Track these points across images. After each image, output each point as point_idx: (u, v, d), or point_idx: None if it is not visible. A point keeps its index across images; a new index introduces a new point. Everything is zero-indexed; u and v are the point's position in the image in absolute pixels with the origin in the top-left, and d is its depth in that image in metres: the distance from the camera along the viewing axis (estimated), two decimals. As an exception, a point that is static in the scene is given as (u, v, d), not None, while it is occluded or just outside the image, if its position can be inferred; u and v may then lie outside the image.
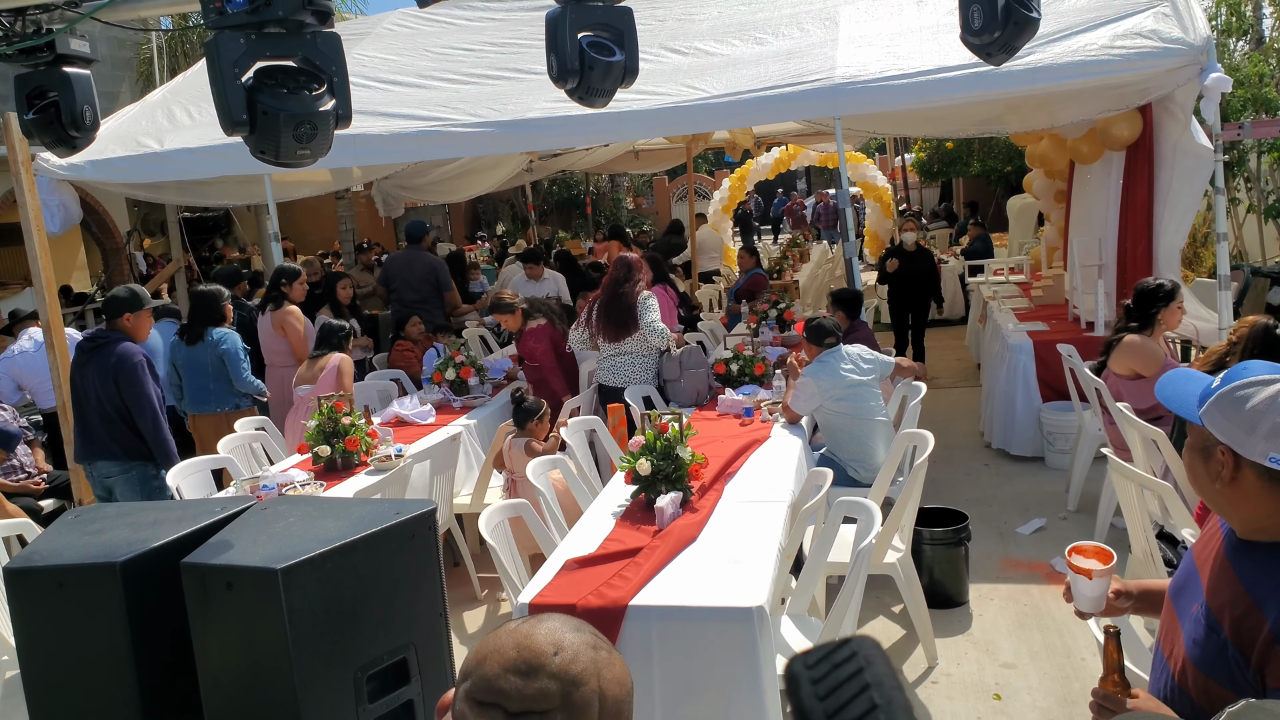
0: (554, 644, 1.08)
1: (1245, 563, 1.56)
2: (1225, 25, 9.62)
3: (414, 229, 8.36)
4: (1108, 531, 4.88)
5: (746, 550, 3.26)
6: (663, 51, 6.67)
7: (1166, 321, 4.73)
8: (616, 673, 1.10)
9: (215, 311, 5.82)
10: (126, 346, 4.88)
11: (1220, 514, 1.64)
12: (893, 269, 8.97)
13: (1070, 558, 1.93)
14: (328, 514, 2.15)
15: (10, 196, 8.24)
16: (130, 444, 4.89)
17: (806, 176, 32.37)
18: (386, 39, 8.04)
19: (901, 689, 0.91)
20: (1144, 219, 6.28)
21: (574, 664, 1.07)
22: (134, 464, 4.92)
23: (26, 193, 5.10)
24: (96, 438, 4.92)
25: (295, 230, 16.08)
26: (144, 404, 4.83)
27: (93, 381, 4.87)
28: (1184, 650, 1.61)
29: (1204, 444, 1.59)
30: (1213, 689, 1.52)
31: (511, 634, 1.10)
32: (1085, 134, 6.79)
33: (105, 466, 4.95)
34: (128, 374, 4.81)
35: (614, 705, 1.08)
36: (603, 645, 1.12)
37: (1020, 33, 3.04)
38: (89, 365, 4.90)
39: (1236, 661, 1.49)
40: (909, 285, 9.04)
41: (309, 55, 2.72)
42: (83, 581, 2.03)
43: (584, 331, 5.93)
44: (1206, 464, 1.59)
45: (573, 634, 1.11)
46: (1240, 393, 1.54)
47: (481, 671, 1.07)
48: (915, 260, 9.02)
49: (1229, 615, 1.52)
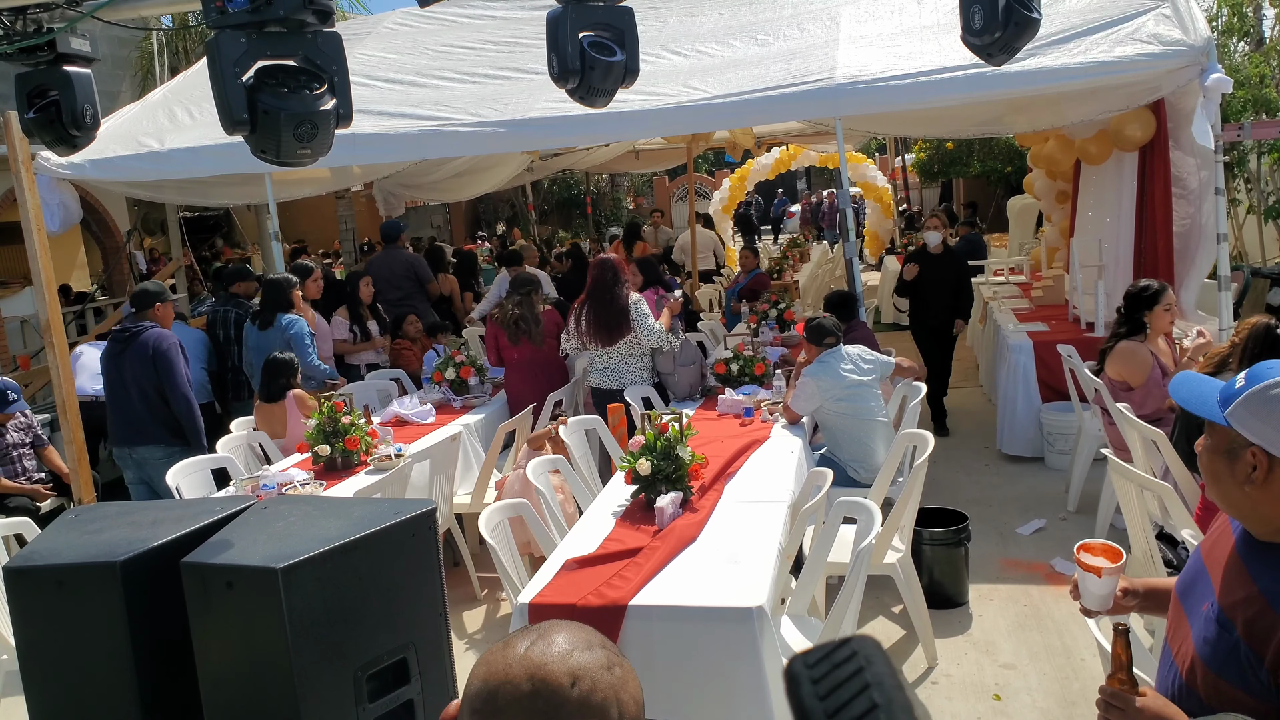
0: (570, 673, 1.01)
1: (1260, 563, 1.54)
2: (1226, 26, 9.62)
3: (388, 229, 8.66)
4: (1108, 532, 4.88)
5: (746, 550, 3.26)
6: (663, 53, 6.67)
7: (1155, 324, 4.71)
8: (631, 690, 1.05)
9: (284, 298, 6.05)
10: (160, 331, 5.29)
11: (1239, 516, 1.60)
12: (912, 276, 7.18)
13: (1079, 555, 1.91)
14: (328, 513, 2.15)
15: (10, 195, 8.24)
16: (175, 427, 5.25)
17: (807, 176, 32.38)
18: (387, 38, 8.04)
19: (902, 688, 0.91)
20: (1164, 217, 6.22)
21: (594, 693, 1.01)
22: (175, 448, 5.20)
23: (27, 191, 5.09)
24: (139, 423, 5.24)
25: (296, 230, 16.08)
26: (178, 384, 5.21)
27: (131, 369, 5.20)
28: (1193, 649, 1.60)
29: (1229, 445, 1.55)
30: (1224, 688, 1.51)
31: (522, 661, 1.03)
32: (1095, 135, 6.77)
33: (146, 451, 5.26)
34: (164, 356, 5.20)
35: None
36: (615, 662, 1.06)
37: (1021, 33, 3.03)
38: (125, 354, 5.23)
39: (1249, 661, 1.48)
40: (933, 296, 7.13)
41: (310, 54, 2.72)
42: (83, 581, 2.03)
43: (574, 339, 5.83)
44: (1233, 466, 1.55)
45: (585, 654, 1.04)
46: (1273, 392, 1.49)
47: (495, 706, 1.01)
48: (940, 266, 7.14)
49: (1242, 615, 1.51)
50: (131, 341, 5.24)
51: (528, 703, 1.00)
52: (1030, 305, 8.23)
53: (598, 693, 1.01)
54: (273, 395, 5.34)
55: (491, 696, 1.01)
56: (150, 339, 5.23)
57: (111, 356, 5.32)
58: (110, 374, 5.33)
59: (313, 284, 6.65)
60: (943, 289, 7.09)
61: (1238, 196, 9.65)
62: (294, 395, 5.31)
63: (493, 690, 1.02)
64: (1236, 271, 8.10)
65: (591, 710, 1.00)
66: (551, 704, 0.99)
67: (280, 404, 5.31)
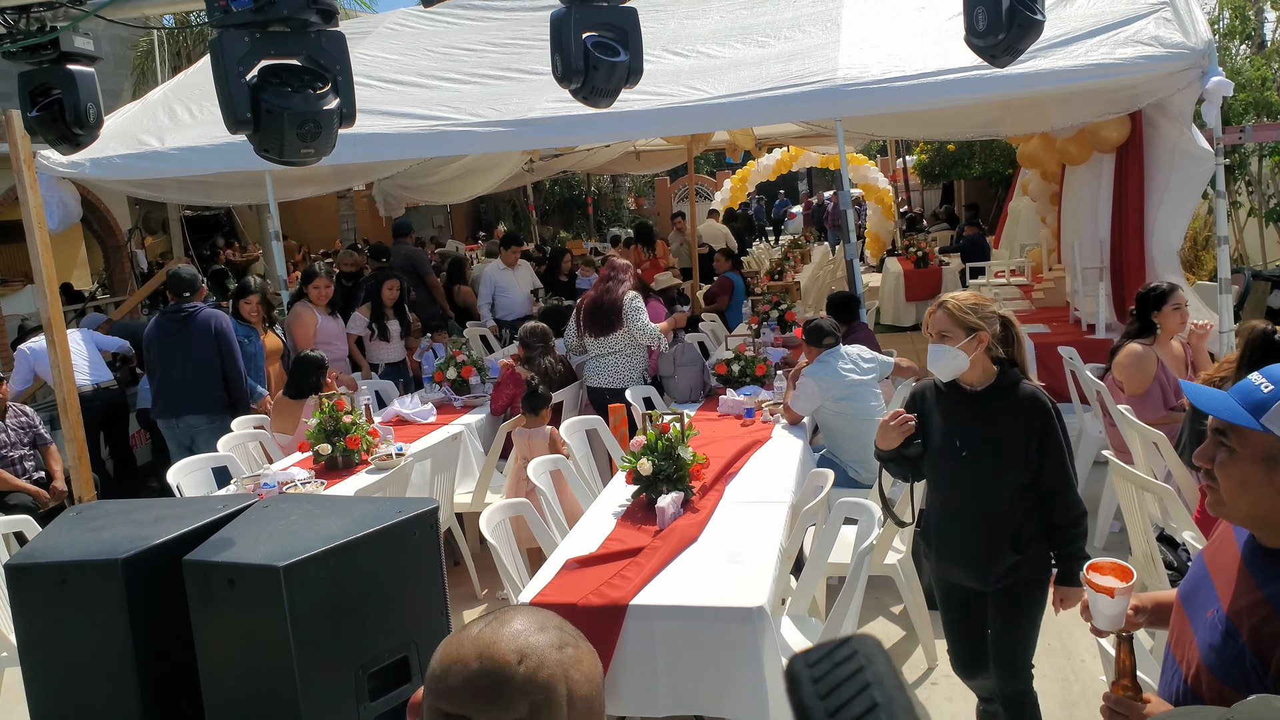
0: (518, 651, 1.04)
1: (1267, 570, 1.53)
2: (1228, 28, 9.62)
3: (399, 226, 9.51)
4: (1108, 535, 4.88)
5: (747, 550, 3.26)
6: (664, 54, 6.68)
7: (1166, 325, 4.65)
8: (585, 670, 1.07)
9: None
10: (216, 312, 5.86)
11: (1257, 525, 1.58)
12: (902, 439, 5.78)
13: (1089, 575, 1.87)
14: (329, 512, 2.15)
15: (11, 194, 8.24)
16: (221, 398, 5.73)
17: (808, 178, 32.34)
18: (389, 38, 8.05)
19: (902, 688, 0.91)
20: (1136, 221, 6.28)
21: (540, 670, 1.04)
22: (218, 416, 5.69)
23: (28, 190, 5.09)
24: (189, 394, 5.72)
25: (296, 230, 16.07)
26: (236, 358, 5.77)
27: (192, 344, 5.69)
28: (1198, 655, 1.59)
29: (1269, 453, 1.51)
30: (1229, 695, 1.50)
31: (475, 640, 1.06)
32: (1075, 135, 6.79)
33: (193, 420, 5.74)
34: (225, 334, 5.76)
35: (584, 703, 1.06)
36: (569, 642, 1.08)
37: (1024, 35, 3.04)
38: (185, 331, 5.72)
39: (1255, 668, 1.47)
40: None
41: (313, 54, 2.73)
42: (84, 578, 2.03)
43: (572, 333, 6.06)
44: (1272, 474, 1.51)
45: (537, 635, 1.07)
46: None
47: (447, 684, 1.04)
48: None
49: (1247, 621, 1.50)
50: (191, 320, 5.74)
51: (475, 680, 1.03)
52: (1031, 307, 8.24)
53: (544, 670, 1.04)
54: (301, 392, 5.36)
55: (444, 675, 1.05)
56: (211, 318, 5.76)
57: (167, 334, 5.78)
58: (162, 349, 5.77)
59: (314, 290, 6.65)
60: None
61: (1239, 199, 9.64)
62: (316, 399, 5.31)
63: (445, 669, 1.06)
64: (1237, 274, 8.10)
65: (537, 687, 1.03)
66: (497, 680, 1.03)
67: (302, 402, 5.32)
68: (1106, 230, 6.64)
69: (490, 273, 8.95)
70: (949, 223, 18.72)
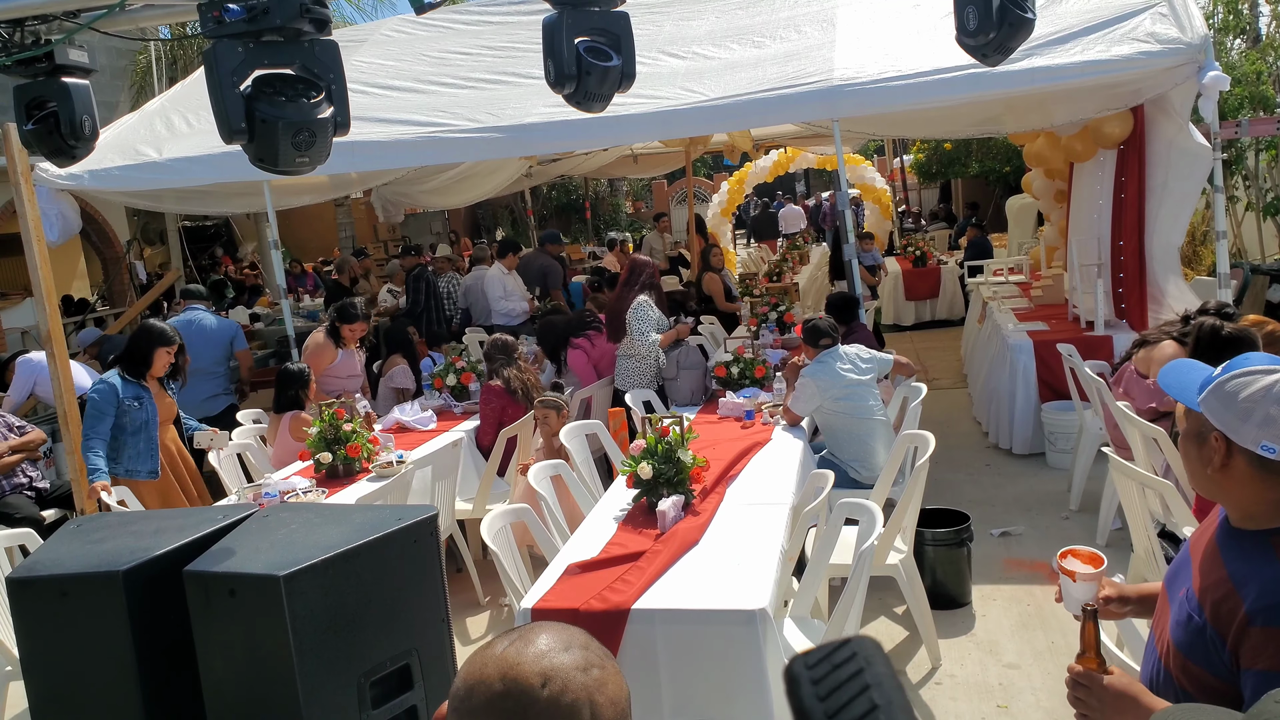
0: (542, 674, 1.02)
1: (1232, 549, 1.60)
2: (1223, 23, 9.62)
3: (547, 238, 10.35)
4: (1110, 531, 4.88)
5: (749, 553, 3.26)
6: (660, 56, 6.68)
7: None
8: (610, 692, 1.05)
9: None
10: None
11: (1215, 500, 1.68)
12: None
13: (1061, 560, 1.97)
14: (330, 520, 2.15)
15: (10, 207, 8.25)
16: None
17: (805, 179, 32.33)
18: (384, 45, 8.05)
19: (902, 689, 0.91)
20: (1135, 217, 6.28)
21: (565, 694, 1.01)
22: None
23: (26, 203, 5.09)
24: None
25: (295, 238, 16.10)
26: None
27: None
28: (1169, 633, 1.66)
29: (1199, 430, 1.63)
30: (1191, 669, 1.58)
31: (498, 661, 1.04)
32: (1079, 132, 6.79)
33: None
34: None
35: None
36: (595, 664, 1.05)
37: (1015, 33, 3.04)
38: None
39: (1214, 643, 1.54)
40: None
41: (307, 63, 2.73)
42: (86, 590, 2.04)
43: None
44: (1200, 450, 1.63)
45: (562, 655, 1.04)
46: (1237, 381, 1.58)
47: (470, 704, 1.02)
48: None
49: (1210, 598, 1.57)
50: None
51: (498, 702, 1.01)
52: (1030, 305, 8.23)
53: (568, 694, 1.02)
54: (279, 406, 5.34)
55: (468, 695, 1.03)
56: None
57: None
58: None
59: (349, 330, 6.30)
60: None
61: (1236, 193, 9.64)
62: (293, 416, 5.30)
63: (469, 688, 1.03)
64: (1235, 269, 8.09)
65: (560, 711, 1.01)
66: (520, 704, 1.01)
67: (280, 416, 5.31)
68: (1107, 227, 6.64)
69: (495, 275, 8.99)
70: (947, 221, 18.73)
